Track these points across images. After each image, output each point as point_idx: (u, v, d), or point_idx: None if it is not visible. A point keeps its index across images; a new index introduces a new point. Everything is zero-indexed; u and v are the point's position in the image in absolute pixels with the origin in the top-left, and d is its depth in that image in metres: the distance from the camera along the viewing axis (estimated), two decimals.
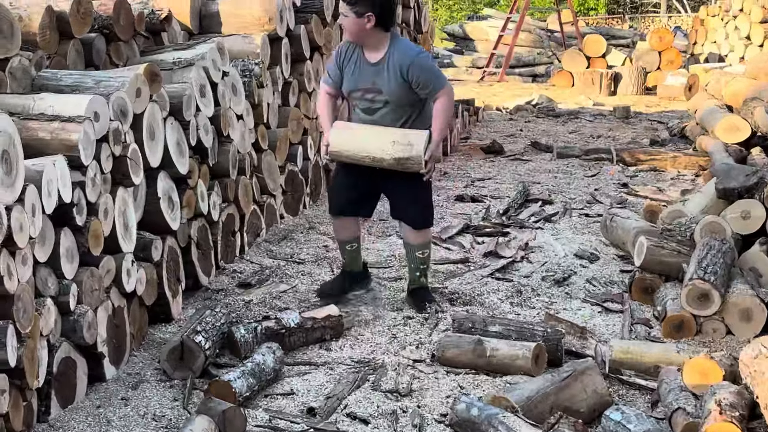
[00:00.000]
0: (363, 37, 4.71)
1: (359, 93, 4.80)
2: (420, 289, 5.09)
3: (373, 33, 4.69)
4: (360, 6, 4.62)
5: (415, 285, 5.10)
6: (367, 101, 4.79)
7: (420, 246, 5.00)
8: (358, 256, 5.20)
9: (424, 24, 11.70)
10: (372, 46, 4.74)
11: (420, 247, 5.00)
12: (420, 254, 5.01)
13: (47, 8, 4.63)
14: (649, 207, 6.56)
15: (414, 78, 4.67)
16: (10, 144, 3.28)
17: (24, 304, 3.37)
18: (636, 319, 4.82)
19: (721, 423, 3.17)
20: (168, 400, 3.94)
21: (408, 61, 4.67)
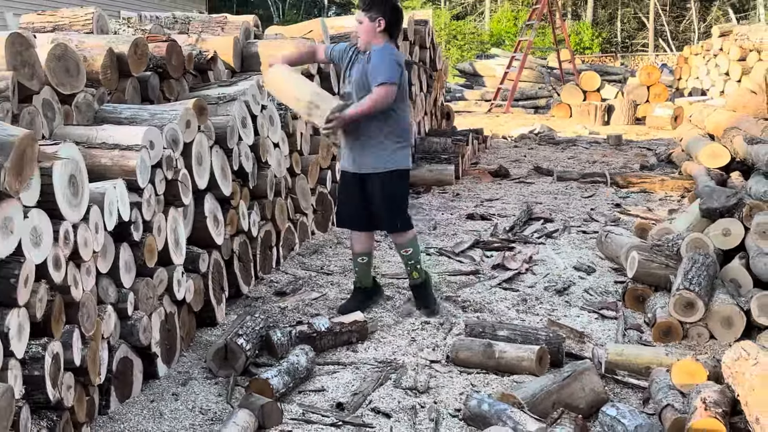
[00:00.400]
0: (372, 40, 4.74)
1: (343, 85, 4.95)
2: (416, 287, 5.09)
3: (379, 37, 4.73)
4: (373, 11, 4.69)
5: (411, 281, 5.09)
6: (346, 86, 4.89)
7: (402, 245, 4.98)
8: (369, 270, 5.13)
9: (439, 62, 11.73)
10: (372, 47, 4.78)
11: (402, 246, 4.98)
12: (404, 252, 4.99)
13: (108, 50, 4.68)
14: (640, 225, 6.53)
15: (370, 65, 4.70)
16: (76, 169, 3.31)
17: (88, 310, 3.39)
18: (629, 325, 4.80)
19: (706, 418, 3.15)
20: (213, 396, 3.96)
21: (373, 52, 4.72)
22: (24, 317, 2.98)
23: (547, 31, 30.67)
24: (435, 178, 9.46)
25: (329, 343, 4.52)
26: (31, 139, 2.91)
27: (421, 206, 8.33)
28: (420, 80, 10.62)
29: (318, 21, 7.75)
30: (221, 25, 7.17)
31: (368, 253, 5.10)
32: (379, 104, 4.64)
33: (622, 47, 40.98)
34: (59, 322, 3.19)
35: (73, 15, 6.16)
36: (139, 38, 4.94)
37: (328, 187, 7.09)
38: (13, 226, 2.90)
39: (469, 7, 42.21)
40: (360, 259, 5.08)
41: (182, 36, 6.50)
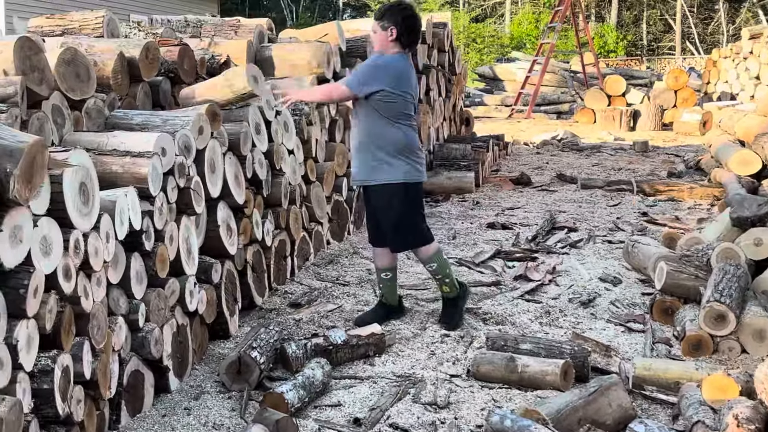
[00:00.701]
0: (386, 50, 4.80)
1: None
2: (446, 304, 5.10)
3: (392, 46, 4.79)
4: (386, 21, 4.76)
5: (442, 294, 5.12)
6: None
7: (427, 261, 5.01)
8: (394, 287, 5.13)
9: (458, 66, 11.74)
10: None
11: (427, 261, 5.01)
12: (430, 268, 5.03)
13: (119, 54, 4.72)
14: (668, 234, 6.50)
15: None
16: (87, 177, 3.33)
17: (98, 321, 3.41)
18: (657, 339, 4.78)
19: None
20: (227, 410, 3.96)
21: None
22: (33, 329, 3.00)
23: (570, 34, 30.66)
24: (454, 185, 9.46)
25: (346, 357, 4.51)
26: (41, 146, 2.93)
27: (440, 215, 8.33)
28: (438, 85, 10.63)
29: (333, 24, 7.79)
30: (234, 28, 7.22)
31: (391, 268, 5.09)
32: (324, 94, 5.01)
33: (648, 50, 40.87)
34: (69, 334, 3.21)
35: (82, 18, 6.21)
36: (150, 42, 4.98)
37: (343, 195, 7.11)
38: (23, 235, 2.92)
39: (488, 10, 42.24)
40: (384, 275, 5.09)
41: (194, 40, 6.55)
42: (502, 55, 33.53)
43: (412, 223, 4.90)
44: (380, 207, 4.89)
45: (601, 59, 27.33)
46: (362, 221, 7.61)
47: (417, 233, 4.95)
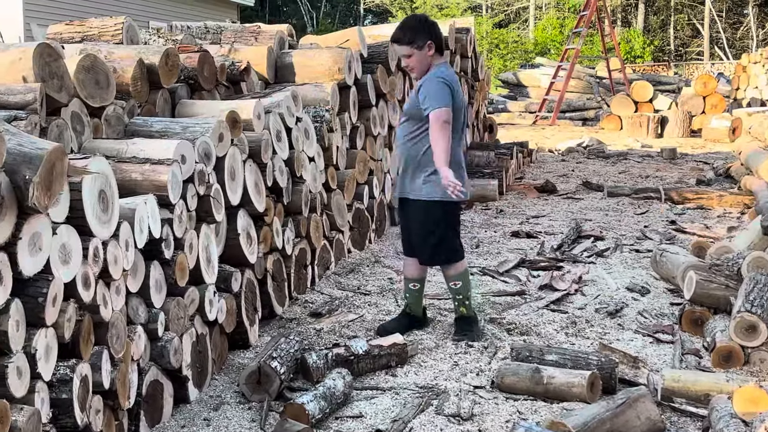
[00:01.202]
0: (427, 66, 4.77)
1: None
2: (460, 319, 5.03)
3: (435, 58, 4.78)
4: (419, 40, 4.70)
5: (457, 314, 5.06)
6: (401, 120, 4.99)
7: (452, 278, 4.96)
8: (420, 298, 5.13)
9: (481, 72, 11.74)
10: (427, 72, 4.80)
11: (452, 278, 4.97)
12: (453, 285, 4.97)
13: (139, 61, 4.74)
14: (697, 243, 6.46)
15: (420, 93, 4.73)
16: (106, 184, 3.35)
17: (118, 330, 3.43)
18: (686, 350, 4.74)
19: None
20: (246, 421, 3.97)
21: (424, 79, 4.75)
22: (52, 338, 3.02)
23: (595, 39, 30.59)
24: (478, 193, 9.44)
25: (367, 367, 4.51)
26: (60, 153, 2.95)
27: (463, 223, 8.31)
28: None
29: (354, 30, 7.81)
30: (254, 34, 7.25)
31: (420, 279, 5.09)
32: (437, 135, 4.62)
33: (675, 56, 40.71)
34: (88, 343, 3.23)
35: (102, 25, 6.26)
36: (170, 49, 5.01)
37: (365, 203, 7.11)
38: (42, 243, 2.94)
39: (512, 15, 42.22)
40: (412, 285, 5.08)
41: (214, 46, 6.58)
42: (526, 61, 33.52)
43: (444, 239, 4.90)
44: (414, 221, 4.90)
45: (628, 65, 27.24)
46: (384, 230, 7.62)
47: (448, 250, 4.94)
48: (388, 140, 7.82)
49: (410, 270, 5.08)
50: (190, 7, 22.38)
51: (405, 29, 4.76)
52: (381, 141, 7.59)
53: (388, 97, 7.67)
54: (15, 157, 2.80)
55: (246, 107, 5.11)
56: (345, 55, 6.79)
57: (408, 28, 4.76)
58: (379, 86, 7.41)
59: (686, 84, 20.99)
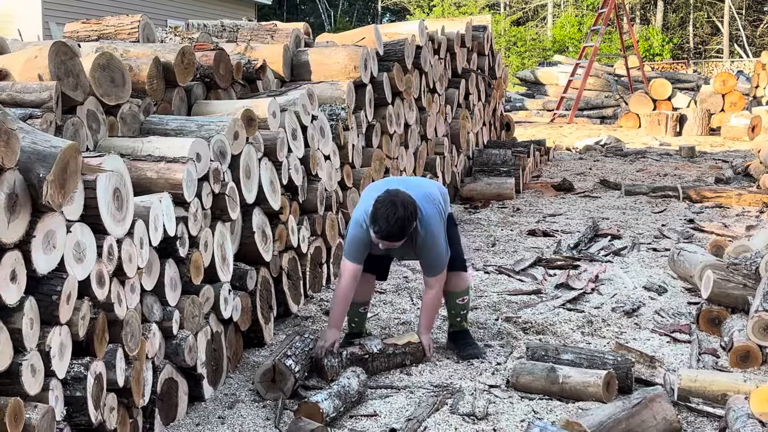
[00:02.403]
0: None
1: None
2: (460, 332, 4.85)
3: None
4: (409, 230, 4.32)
5: (455, 328, 4.86)
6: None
7: (460, 293, 4.76)
8: (365, 319, 4.92)
9: (498, 70, 11.70)
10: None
11: (460, 294, 4.77)
12: (460, 301, 4.78)
13: (154, 59, 4.75)
14: (715, 242, 6.41)
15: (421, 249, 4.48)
16: (121, 183, 3.36)
17: (132, 328, 3.43)
18: (703, 349, 4.70)
19: None
20: (261, 420, 3.96)
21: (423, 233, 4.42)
22: (66, 336, 3.03)
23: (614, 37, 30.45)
24: (494, 191, 9.41)
25: (382, 366, 4.50)
26: (74, 151, 2.95)
27: (479, 221, 8.29)
28: (478, 89, 10.60)
29: (371, 28, 7.79)
30: (271, 33, 7.25)
31: (368, 302, 4.90)
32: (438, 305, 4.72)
33: (694, 53, 40.46)
34: (102, 341, 3.23)
35: (118, 23, 6.28)
36: (186, 47, 5.01)
37: None
38: (56, 241, 2.95)
39: (530, 13, 42.09)
40: (362, 309, 4.84)
41: (230, 44, 6.58)
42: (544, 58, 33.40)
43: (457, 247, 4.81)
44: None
45: (646, 62, 27.10)
46: None
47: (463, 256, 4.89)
48: (404, 138, 7.81)
49: (364, 294, 4.77)
50: (208, 6, 22.43)
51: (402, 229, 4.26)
52: (397, 139, 7.57)
53: (404, 95, 7.65)
54: (29, 155, 2.81)
55: (261, 105, 5.11)
56: (361, 53, 6.78)
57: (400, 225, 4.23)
58: (395, 84, 7.40)
59: (705, 82, 20.84)
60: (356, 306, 4.75)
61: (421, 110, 8.32)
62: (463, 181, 9.77)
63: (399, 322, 5.24)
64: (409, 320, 5.27)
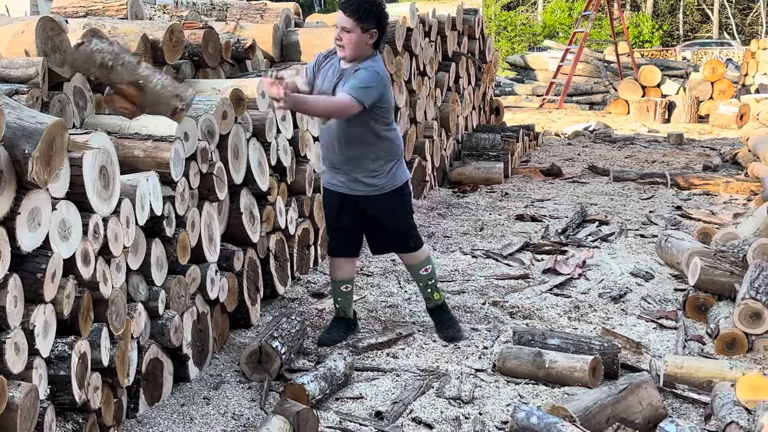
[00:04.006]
0: (361, 53, 4.32)
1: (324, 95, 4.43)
2: (436, 309, 4.80)
3: (368, 49, 4.35)
4: (367, 22, 4.26)
5: (430, 304, 4.80)
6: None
7: (421, 264, 4.69)
8: (352, 299, 4.80)
9: (488, 54, 11.66)
10: (357, 59, 4.35)
11: (421, 265, 4.69)
12: (423, 272, 4.70)
13: (143, 37, 4.70)
14: (702, 229, 6.42)
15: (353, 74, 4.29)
16: (107, 161, 3.32)
17: (117, 308, 3.41)
18: (689, 336, 4.72)
19: None
20: (246, 401, 3.95)
21: (362, 66, 4.30)
22: (50, 314, 3.00)
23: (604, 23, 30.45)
24: (482, 176, 9.40)
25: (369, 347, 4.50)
26: (60, 128, 2.92)
27: (468, 206, 8.28)
28: (468, 73, 10.56)
29: None
30: (260, 12, 7.19)
31: (352, 279, 4.79)
32: (328, 108, 4.30)
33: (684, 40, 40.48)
34: (87, 320, 3.21)
35: (106, 0, 6.21)
36: (174, 25, 4.96)
37: None
38: (41, 219, 2.91)
39: None
40: (344, 287, 4.72)
41: (220, 23, 6.53)
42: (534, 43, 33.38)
43: (413, 223, 4.75)
44: (390, 210, 4.56)
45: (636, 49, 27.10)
46: None
47: (418, 232, 4.79)
48: None
49: (345, 271, 4.70)
50: None
51: (364, 5, 4.27)
52: None
53: (394, 78, 7.61)
54: (14, 131, 2.77)
55: (250, 85, 5.07)
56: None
57: (367, 6, 4.27)
58: (386, 66, 7.35)
59: (695, 69, 20.85)
60: (338, 284, 4.70)
61: (410, 93, 8.28)
62: (451, 164, 9.75)
63: (386, 305, 5.23)
64: (397, 303, 5.27)
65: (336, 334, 4.68)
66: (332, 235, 4.71)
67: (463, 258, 6.33)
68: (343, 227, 4.62)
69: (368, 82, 4.26)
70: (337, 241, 4.69)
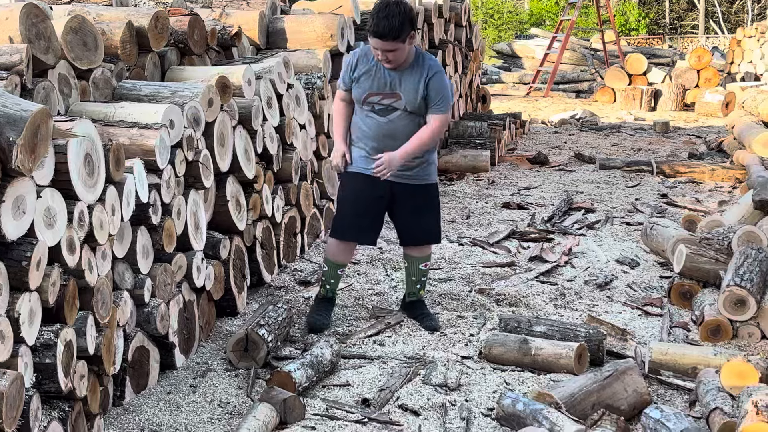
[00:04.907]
0: (410, 54, 4.39)
1: (377, 97, 4.44)
2: (417, 303, 4.81)
3: (411, 49, 4.42)
4: (404, 32, 4.24)
5: (412, 297, 4.81)
6: (383, 105, 4.45)
7: (424, 258, 4.75)
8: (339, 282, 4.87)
9: (476, 41, 11.65)
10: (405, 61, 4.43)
11: (424, 259, 4.75)
12: (423, 266, 4.74)
13: (128, 23, 4.67)
14: (688, 217, 6.44)
15: (430, 88, 4.37)
16: (92, 148, 3.31)
17: (103, 296, 3.40)
18: (674, 323, 4.74)
19: (757, 423, 3.09)
20: (233, 388, 3.96)
21: (432, 73, 4.38)
22: (36, 302, 2.99)
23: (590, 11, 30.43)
24: (469, 164, 9.40)
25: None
26: (45, 115, 2.90)
27: (454, 194, 8.28)
28: (455, 60, 10.55)
29: None
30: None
31: (347, 264, 4.87)
32: (433, 137, 4.45)
33: (670, 29, 40.52)
34: (73, 308, 3.19)
35: None
36: (159, 11, 4.94)
37: None
38: (26, 206, 2.90)
39: None
40: (340, 270, 4.76)
41: (205, 10, 6.50)
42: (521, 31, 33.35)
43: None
44: (431, 200, 4.67)
45: (623, 37, 27.12)
46: None
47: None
48: None
49: (348, 256, 4.78)
50: None
51: (390, 23, 4.21)
52: None
53: None
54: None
55: (236, 73, 5.06)
56: (338, 21, 6.72)
57: (393, 20, 4.21)
58: None
59: (681, 57, 20.90)
60: (337, 266, 4.72)
61: None
62: (438, 152, 9.74)
63: (373, 293, 5.23)
64: (383, 291, 5.28)
65: (327, 316, 4.73)
66: (353, 219, 4.63)
67: (450, 246, 6.34)
68: (371, 213, 4.63)
69: (445, 86, 4.42)
70: (356, 226, 4.64)
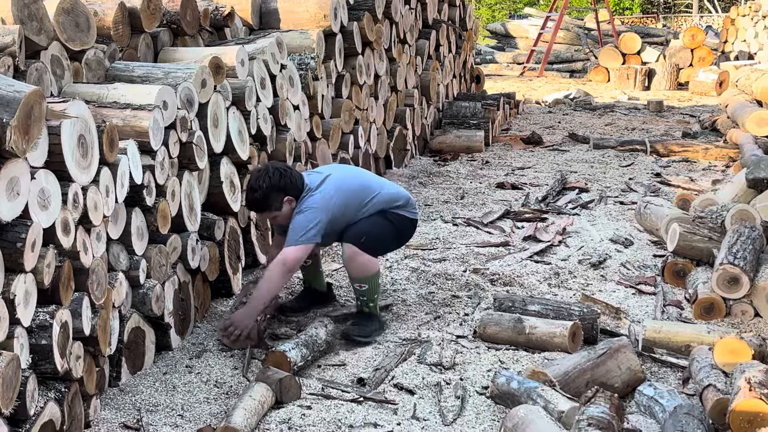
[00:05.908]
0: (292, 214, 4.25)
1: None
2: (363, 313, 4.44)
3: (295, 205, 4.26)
4: (274, 202, 4.20)
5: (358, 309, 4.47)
6: None
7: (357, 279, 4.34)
8: (318, 273, 4.76)
9: (469, 21, 11.62)
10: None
11: (357, 280, 4.34)
12: (357, 287, 4.36)
13: (120, 4, 4.65)
14: (681, 195, 6.46)
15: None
16: (86, 129, 3.30)
17: (98, 277, 3.40)
18: (668, 301, 4.76)
19: (750, 399, 3.11)
20: (229, 369, 3.97)
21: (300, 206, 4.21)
22: (31, 283, 2.99)
23: None
24: (463, 144, 9.40)
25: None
26: (38, 97, 2.90)
27: (448, 174, 8.29)
28: (448, 41, 10.53)
29: None
30: None
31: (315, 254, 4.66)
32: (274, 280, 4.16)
33: (664, 8, 40.43)
34: (68, 290, 3.20)
35: None
36: None
37: (350, 152, 7.06)
38: (20, 188, 2.90)
39: None
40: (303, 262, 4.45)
41: None
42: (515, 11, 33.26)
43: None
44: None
45: (617, 16, 27.07)
46: None
47: None
48: (374, 89, 7.75)
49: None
50: None
51: (254, 196, 4.20)
52: (367, 90, 7.51)
53: (374, 46, 7.58)
54: None
55: (229, 53, 5.04)
56: (331, 1, 6.69)
57: (257, 194, 4.19)
58: (366, 34, 7.32)
59: (674, 36, 20.86)
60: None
61: (391, 61, 8.25)
62: (432, 133, 9.74)
63: None
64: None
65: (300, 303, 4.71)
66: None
67: (444, 226, 6.35)
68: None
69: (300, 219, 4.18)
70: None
